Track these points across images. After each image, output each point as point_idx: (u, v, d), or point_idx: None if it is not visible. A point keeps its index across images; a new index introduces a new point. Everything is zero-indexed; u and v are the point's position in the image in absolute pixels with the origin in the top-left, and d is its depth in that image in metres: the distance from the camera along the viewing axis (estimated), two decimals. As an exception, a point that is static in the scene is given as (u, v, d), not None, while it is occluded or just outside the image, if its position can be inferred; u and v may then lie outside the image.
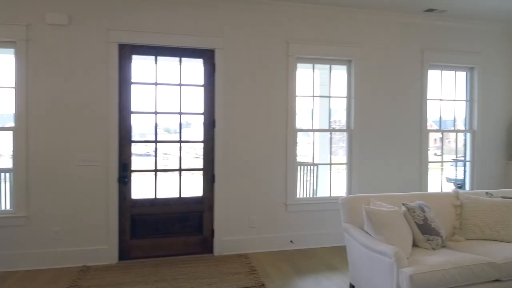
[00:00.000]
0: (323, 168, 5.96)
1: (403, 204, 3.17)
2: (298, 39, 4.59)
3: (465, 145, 5.44)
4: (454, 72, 5.31)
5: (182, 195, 4.36)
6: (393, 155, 4.97)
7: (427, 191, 5.12)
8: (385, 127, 4.93)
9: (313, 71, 4.81)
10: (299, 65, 4.67)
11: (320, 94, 5.59)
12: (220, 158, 4.39)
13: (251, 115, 4.49)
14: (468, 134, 5.37)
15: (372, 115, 4.88)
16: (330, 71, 4.85)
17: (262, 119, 4.52)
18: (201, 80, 4.37)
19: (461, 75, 5.36)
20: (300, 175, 5.26)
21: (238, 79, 4.44)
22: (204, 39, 4.30)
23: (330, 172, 4.95)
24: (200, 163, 4.44)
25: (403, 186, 4.95)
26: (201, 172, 4.43)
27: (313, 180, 5.81)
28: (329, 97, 4.89)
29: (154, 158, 4.32)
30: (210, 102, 4.38)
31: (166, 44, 4.22)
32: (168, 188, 4.85)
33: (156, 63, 4.23)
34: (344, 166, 4.91)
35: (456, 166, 5.43)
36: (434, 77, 5.18)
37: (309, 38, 4.62)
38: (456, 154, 5.42)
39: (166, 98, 4.39)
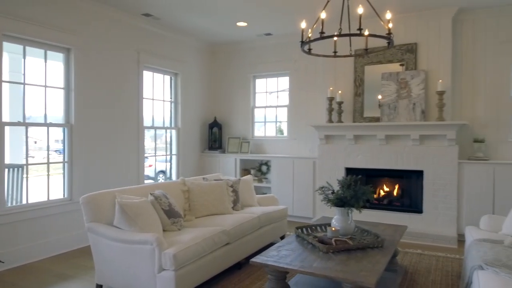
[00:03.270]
0: (36, 169, 5.10)
1: (150, 194, 3.35)
2: (2, 12, 3.74)
3: (171, 140, 6.21)
4: (163, 75, 5.95)
5: None
6: (116, 150, 5.00)
7: (144, 183, 5.50)
8: (107, 122, 4.88)
9: (24, 55, 4.06)
10: (6, 45, 3.82)
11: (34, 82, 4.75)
12: None
13: None
14: (174, 131, 6.18)
15: (94, 109, 4.71)
16: (45, 58, 4.25)
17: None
18: None
19: (168, 79, 6.08)
20: (9, 179, 4.27)
21: None
22: None
23: (48, 174, 4.33)
24: None
25: (126, 179, 5.10)
26: None
27: (21, 183, 4.85)
28: (45, 86, 4.29)
29: None
30: None
31: None
32: None
33: None
34: (60, 165, 4.46)
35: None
36: (148, 78, 5.61)
37: (19, 14, 3.87)
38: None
39: None
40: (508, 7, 4.67)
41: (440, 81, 4.66)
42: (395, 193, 5.26)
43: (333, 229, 3.01)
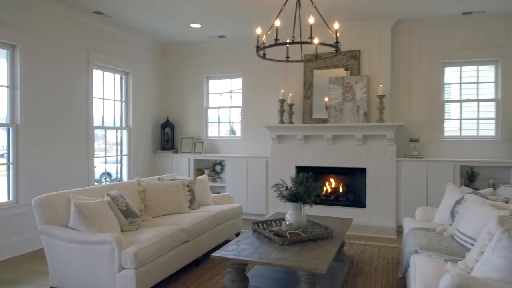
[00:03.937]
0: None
1: (107, 194, 3.33)
2: None
3: (121, 141, 6.10)
4: (113, 74, 5.83)
5: None
6: (65, 151, 4.84)
7: (94, 184, 5.37)
8: (55, 122, 4.71)
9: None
10: None
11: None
12: None
13: None
14: (125, 131, 6.08)
15: (42, 109, 4.53)
16: (-12, 54, 4.03)
17: None
18: None
19: (119, 78, 5.97)
20: None
21: None
22: None
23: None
24: None
25: (76, 180, 4.96)
26: None
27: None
28: (-12, 84, 4.06)
29: None
30: None
31: None
32: None
33: None
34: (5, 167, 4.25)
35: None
36: (98, 77, 5.48)
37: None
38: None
39: None
40: (439, 19, 5.22)
41: (381, 85, 5.08)
42: (341, 189, 5.63)
43: (287, 223, 3.22)
